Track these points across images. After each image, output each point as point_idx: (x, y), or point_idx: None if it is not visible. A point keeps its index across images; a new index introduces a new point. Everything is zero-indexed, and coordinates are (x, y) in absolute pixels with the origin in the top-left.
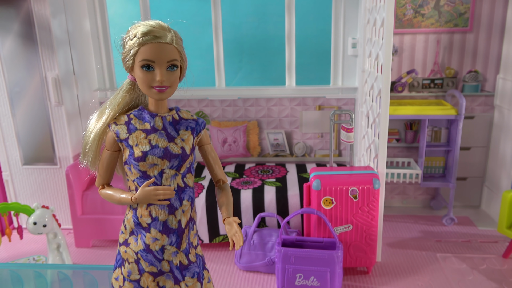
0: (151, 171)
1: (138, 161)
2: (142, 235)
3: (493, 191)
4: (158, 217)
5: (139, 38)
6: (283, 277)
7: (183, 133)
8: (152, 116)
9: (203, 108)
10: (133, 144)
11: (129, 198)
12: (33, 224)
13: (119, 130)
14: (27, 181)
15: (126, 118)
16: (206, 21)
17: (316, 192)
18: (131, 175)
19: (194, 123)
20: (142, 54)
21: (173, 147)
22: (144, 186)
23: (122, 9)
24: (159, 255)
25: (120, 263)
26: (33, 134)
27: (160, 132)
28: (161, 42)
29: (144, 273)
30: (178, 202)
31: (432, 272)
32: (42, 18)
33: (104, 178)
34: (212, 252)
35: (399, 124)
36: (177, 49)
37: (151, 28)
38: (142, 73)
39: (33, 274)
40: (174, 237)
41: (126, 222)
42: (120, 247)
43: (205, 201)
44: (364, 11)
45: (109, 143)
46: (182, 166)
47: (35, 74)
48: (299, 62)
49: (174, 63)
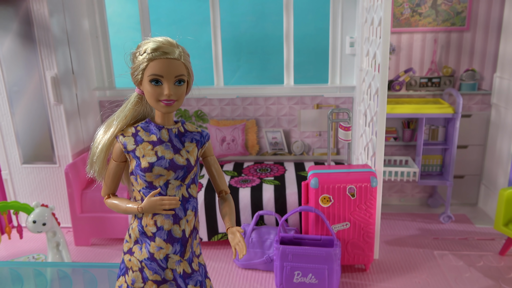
0: (157, 182)
1: (145, 172)
2: (147, 244)
3: (490, 189)
4: (163, 226)
5: (149, 54)
6: (281, 274)
7: (188, 145)
8: (158, 129)
9: (201, 107)
10: (140, 155)
11: (135, 207)
12: (33, 223)
13: (126, 142)
14: (27, 180)
15: (133, 130)
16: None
17: (314, 190)
18: (137, 185)
19: (199, 136)
20: (151, 69)
21: (179, 158)
22: (150, 196)
23: (121, 8)
24: (163, 264)
25: (124, 272)
26: (32, 133)
27: (166, 144)
28: (170, 57)
29: (148, 281)
30: (182, 212)
31: (429, 270)
32: (41, 17)
33: (110, 188)
34: (211, 250)
35: (397, 123)
36: (185, 65)
37: (160, 45)
38: (150, 87)
39: (33, 272)
40: (178, 246)
41: (131, 231)
42: (124, 255)
43: (203, 199)
44: (362, 10)
45: (116, 154)
46: (187, 177)
47: (34, 73)
48: (297, 61)
49: (182, 78)
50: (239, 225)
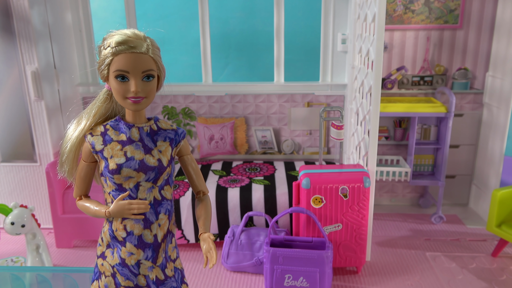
0: (127, 184)
1: (113, 174)
2: (118, 248)
3: (481, 189)
4: (133, 231)
5: (113, 47)
6: (271, 277)
7: (161, 144)
8: (128, 127)
9: (189, 104)
10: (108, 156)
11: (103, 211)
12: (11, 224)
13: (95, 142)
14: (5, 179)
15: (102, 129)
16: (192, 15)
17: (306, 191)
18: (106, 188)
19: (173, 134)
20: (116, 64)
21: (149, 159)
22: (118, 200)
23: (106, 2)
24: (135, 270)
25: (98, 276)
26: (12, 130)
27: (136, 143)
28: (136, 52)
29: (121, 287)
30: (154, 216)
31: (422, 272)
32: (20, 9)
33: (81, 189)
34: (199, 252)
35: (388, 122)
36: (153, 59)
37: (125, 38)
38: (116, 83)
39: (10, 277)
40: (150, 251)
41: (103, 234)
42: (97, 259)
43: (191, 200)
44: (354, 6)
45: (85, 154)
46: (159, 178)
47: (13, 68)
48: (287, 58)
49: (150, 73)
50: (228, 227)
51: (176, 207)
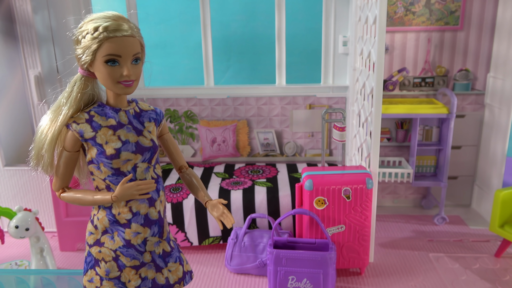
0: (125, 167)
1: (112, 159)
2: (120, 231)
3: (483, 190)
4: (139, 211)
5: (102, 32)
6: (275, 279)
7: (148, 125)
8: (115, 111)
9: (191, 107)
10: (102, 142)
11: (108, 197)
12: (15, 228)
13: (83, 129)
14: (9, 183)
15: (86, 116)
16: (194, 19)
17: (309, 192)
18: (100, 174)
19: (155, 114)
20: (107, 49)
21: (144, 140)
22: (123, 183)
23: (108, 6)
24: (141, 248)
25: (93, 264)
26: (15, 134)
27: (127, 126)
28: (126, 35)
29: (126, 268)
30: (156, 193)
31: (425, 273)
32: (23, 13)
33: (64, 181)
34: (202, 255)
35: (390, 123)
36: (140, 42)
37: (113, 22)
38: (106, 68)
39: (15, 280)
40: (156, 228)
41: (97, 222)
42: (91, 248)
43: (194, 202)
44: (355, 9)
45: (69, 143)
46: (153, 158)
47: (16, 72)
48: (289, 60)
49: (138, 56)
50: (231, 229)
51: (179, 210)
